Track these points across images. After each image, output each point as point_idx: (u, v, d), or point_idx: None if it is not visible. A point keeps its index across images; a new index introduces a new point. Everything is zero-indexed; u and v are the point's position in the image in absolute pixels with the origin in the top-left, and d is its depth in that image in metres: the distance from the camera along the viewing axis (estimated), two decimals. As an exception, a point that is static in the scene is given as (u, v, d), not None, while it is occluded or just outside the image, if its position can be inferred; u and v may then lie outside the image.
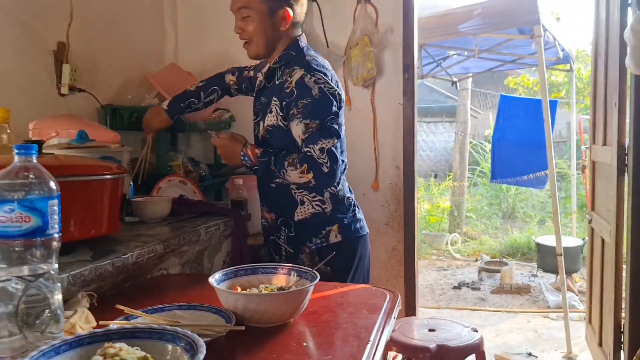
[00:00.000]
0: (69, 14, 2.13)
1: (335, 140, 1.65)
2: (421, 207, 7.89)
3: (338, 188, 1.78)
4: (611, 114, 2.62)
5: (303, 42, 1.81)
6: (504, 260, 5.96)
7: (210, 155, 2.85)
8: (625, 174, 2.48)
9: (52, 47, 2.14)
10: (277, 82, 1.76)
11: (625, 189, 2.50)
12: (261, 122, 1.78)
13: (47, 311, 0.90)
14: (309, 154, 1.63)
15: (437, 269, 6.04)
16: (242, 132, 2.79)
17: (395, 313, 1.22)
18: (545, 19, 3.67)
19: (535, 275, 5.53)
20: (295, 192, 1.77)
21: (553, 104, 5.71)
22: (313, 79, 1.66)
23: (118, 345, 0.82)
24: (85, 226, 1.20)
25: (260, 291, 1.13)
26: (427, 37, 3.90)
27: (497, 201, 8.84)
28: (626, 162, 2.46)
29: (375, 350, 1.00)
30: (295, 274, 1.20)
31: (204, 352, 0.80)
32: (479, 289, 5.21)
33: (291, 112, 1.67)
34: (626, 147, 2.47)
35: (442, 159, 11.45)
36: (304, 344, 1.02)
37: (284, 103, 1.69)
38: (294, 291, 1.10)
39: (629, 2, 2.40)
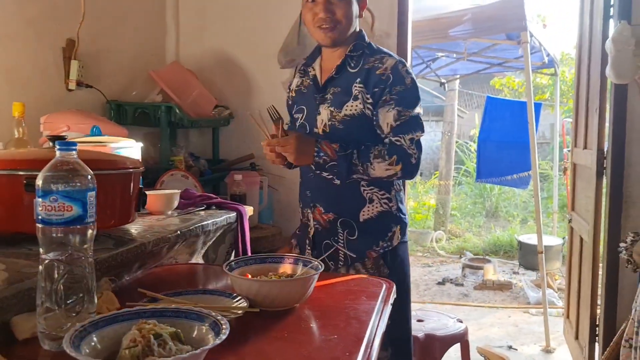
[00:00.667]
0: (80, 12, 2.20)
1: (422, 133, 1.62)
2: (407, 204, 8.04)
3: (401, 185, 1.73)
4: (592, 119, 2.76)
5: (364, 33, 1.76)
6: (487, 257, 6.13)
7: (208, 150, 2.94)
8: (604, 176, 2.62)
9: (61, 44, 2.21)
10: (355, 70, 1.66)
11: (603, 190, 2.64)
12: (331, 114, 1.65)
13: (82, 292, 1.00)
14: (398, 143, 1.57)
15: (422, 265, 6.19)
16: (240, 129, 2.91)
17: (391, 300, 1.33)
18: (531, 25, 3.81)
19: (517, 273, 5.70)
20: (364, 189, 1.67)
21: (537, 107, 5.88)
22: (405, 68, 1.63)
23: (152, 321, 0.92)
24: (107, 217, 1.29)
25: (270, 278, 1.24)
26: (418, 40, 4.02)
27: (481, 200, 9.03)
28: (605, 165, 2.61)
29: (376, 331, 1.11)
30: (301, 264, 1.31)
31: (228, 329, 0.90)
32: (462, 284, 5.36)
33: (384, 97, 1.60)
34: (605, 151, 2.61)
35: (428, 157, 11.61)
36: (311, 325, 1.13)
37: (375, 89, 1.61)
38: (301, 278, 1.20)
39: (611, 13, 2.54)
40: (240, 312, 1.09)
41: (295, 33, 2.79)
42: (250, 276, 1.27)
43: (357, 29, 1.73)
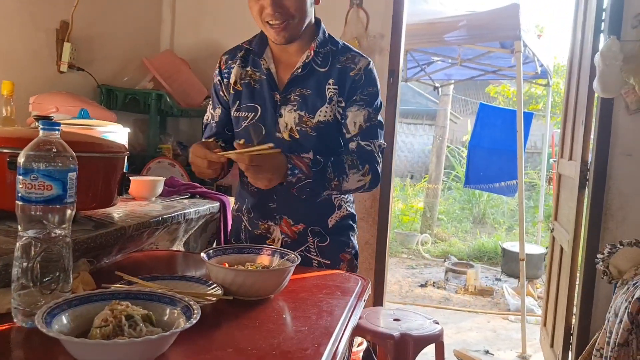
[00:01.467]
0: (76, -6, 2.21)
1: (385, 144, 1.56)
2: (395, 206, 8.08)
3: None
4: (578, 131, 2.79)
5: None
6: (471, 262, 6.18)
7: (197, 140, 2.95)
8: (586, 187, 2.66)
9: (55, 26, 2.22)
10: (325, 69, 1.51)
11: (585, 202, 2.68)
12: (300, 119, 1.50)
13: (58, 271, 1.01)
14: (368, 148, 1.48)
15: (406, 267, 6.23)
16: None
17: (365, 297, 1.35)
18: (526, 35, 3.84)
19: (499, 279, 5.75)
20: (335, 197, 1.60)
21: (529, 116, 5.93)
22: (374, 69, 1.54)
23: (124, 302, 0.94)
24: (88, 199, 1.31)
25: (247, 268, 1.25)
26: (413, 43, 4.05)
27: (469, 206, 9.09)
28: (587, 177, 2.65)
29: (346, 326, 1.13)
30: (278, 256, 1.33)
31: (199, 314, 0.92)
32: (444, 288, 5.40)
33: (354, 97, 1.48)
34: (588, 163, 2.65)
35: (419, 160, 11.67)
36: (283, 316, 1.15)
37: (347, 88, 1.49)
38: (277, 269, 1.22)
39: (602, 28, 2.58)
40: (214, 299, 1.11)
41: (290, 29, 2.80)
42: (227, 265, 1.28)
43: (313, 20, 1.55)
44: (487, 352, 3.74)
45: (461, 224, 8.53)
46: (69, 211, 1.02)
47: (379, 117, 1.54)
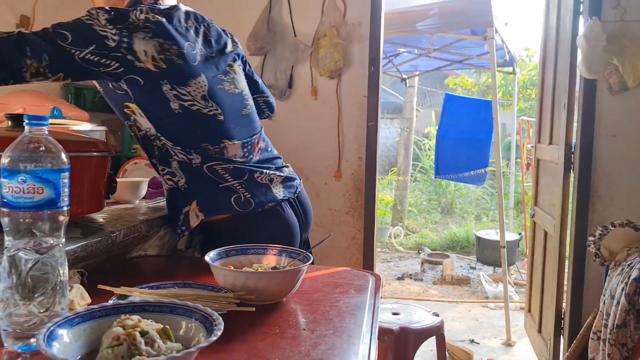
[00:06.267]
0: (37, -14, 2.05)
1: None
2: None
3: (196, 153, 1.42)
4: (559, 115, 2.79)
5: None
6: (445, 252, 6.20)
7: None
8: (571, 171, 2.65)
9: (14, 20, 2.05)
10: None
11: (571, 185, 2.67)
12: None
13: (53, 285, 0.89)
14: None
15: (381, 261, 6.20)
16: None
17: (380, 293, 1.27)
18: (495, 22, 3.84)
19: (474, 268, 5.79)
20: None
21: (490, 105, 5.98)
22: None
23: (135, 317, 0.83)
24: (75, 204, 1.18)
25: (256, 270, 1.15)
26: (385, 33, 3.99)
27: (436, 197, 9.16)
28: (572, 161, 2.64)
29: (372, 326, 1.05)
30: (286, 255, 1.23)
31: (222, 324, 0.81)
32: (421, 280, 5.39)
33: None
34: (573, 146, 2.64)
35: (383, 154, 11.70)
36: (303, 320, 1.06)
37: None
38: (290, 270, 1.13)
39: (581, 10, 2.57)
40: (235, 306, 1.01)
41: (264, 19, 2.70)
42: (233, 268, 1.18)
43: None
44: (472, 341, 3.73)
45: (430, 214, 8.58)
46: (62, 217, 0.90)
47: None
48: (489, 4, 3.52)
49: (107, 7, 1.33)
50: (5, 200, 0.85)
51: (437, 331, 2.01)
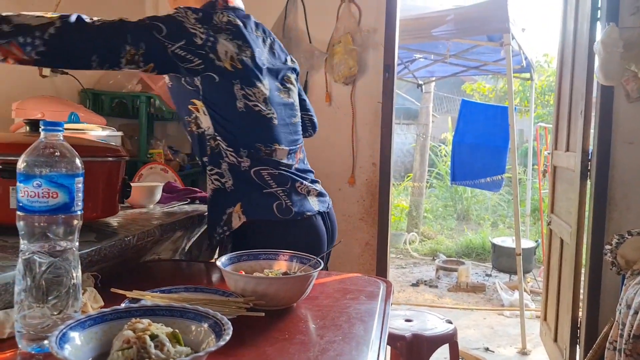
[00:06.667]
0: (57, -7, 2.08)
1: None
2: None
3: (246, 155, 1.48)
4: (576, 122, 2.76)
5: None
6: (461, 259, 6.15)
7: (187, 144, 2.84)
8: (588, 179, 2.62)
9: (35, 27, 2.09)
10: None
11: (588, 192, 2.64)
12: None
13: (67, 288, 0.91)
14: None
15: (395, 267, 6.17)
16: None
17: (391, 300, 1.27)
18: (513, 28, 3.82)
19: (490, 275, 5.74)
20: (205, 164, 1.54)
21: (507, 111, 5.93)
22: None
23: (145, 320, 0.84)
24: (89, 208, 1.19)
25: (267, 275, 1.16)
26: (401, 39, 3.99)
27: (452, 203, 9.10)
28: (589, 168, 2.61)
29: (381, 333, 1.05)
30: (297, 261, 1.24)
31: (231, 330, 0.82)
32: (436, 286, 5.36)
33: None
34: (590, 153, 2.61)
35: (399, 160, 11.66)
36: (312, 325, 1.06)
37: None
38: (300, 276, 1.13)
39: (598, 16, 2.54)
40: (241, 313, 1.01)
41: (280, 26, 2.72)
42: (244, 273, 1.19)
43: None
44: (487, 349, 3.69)
45: (446, 221, 8.52)
46: (75, 221, 0.92)
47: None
48: (505, 10, 3.50)
49: (193, 7, 1.43)
50: (20, 205, 0.87)
51: (450, 339, 2.00)
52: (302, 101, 1.79)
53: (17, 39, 1.18)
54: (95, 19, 1.30)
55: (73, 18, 1.25)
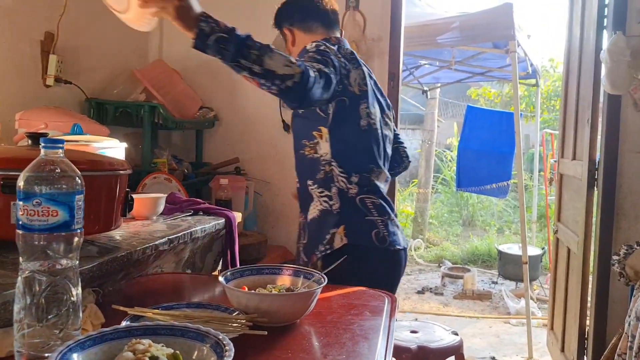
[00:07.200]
0: (61, 4, 2.09)
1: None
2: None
3: (352, 181, 1.61)
4: (582, 130, 2.73)
5: None
6: (466, 266, 6.11)
7: (191, 153, 2.83)
8: (595, 187, 2.60)
9: (39, 37, 2.09)
10: None
11: (595, 201, 2.61)
12: None
13: (67, 307, 0.90)
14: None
15: (401, 274, 6.13)
16: (225, 132, 2.81)
17: (395, 316, 1.26)
18: (518, 34, 3.80)
19: (496, 282, 5.69)
20: (310, 187, 1.63)
21: (513, 117, 5.90)
22: None
23: (146, 341, 0.83)
24: (91, 222, 1.19)
25: (270, 291, 1.15)
26: (406, 46, 3.98)
27: (457, 209, 9.05)
28: (596, 177, 2.58)
29: (386, 350, 1.03)
30: (301, 276, 1.22)
31: (232, 351, 0.81)
32: (442, 294, 5.32)
33: None
34: (596, 162, 2.58)
35: (405, 165, 11.62)
36: (315, 343, 1.05)
37: None
38: (304, 292, 1.12)
39: (605, 24, 2.52)
40: (247, 330, 1.00)
41: (284, 34, 2.71)
42: (247, 288, 1.18)
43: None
44: (493, 358, 3.66)
45: (451, 227, 8.47)
46: (76, 239, 0.91)
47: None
48: (511, 17, 3.49)
49: (327, 42, 1.59)
50: (20, 223, 0.86)
51: (456, 350, 1.98)
52: (395, 135, 1.88)
53: (260, 80, 1.34)
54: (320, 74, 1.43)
55: (311, 77, 1.38)
